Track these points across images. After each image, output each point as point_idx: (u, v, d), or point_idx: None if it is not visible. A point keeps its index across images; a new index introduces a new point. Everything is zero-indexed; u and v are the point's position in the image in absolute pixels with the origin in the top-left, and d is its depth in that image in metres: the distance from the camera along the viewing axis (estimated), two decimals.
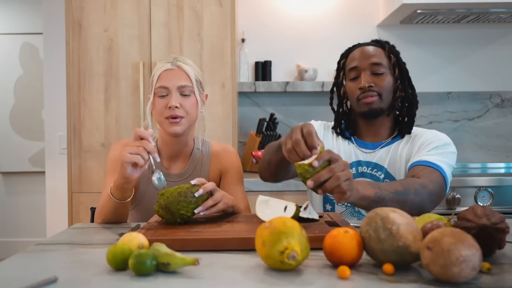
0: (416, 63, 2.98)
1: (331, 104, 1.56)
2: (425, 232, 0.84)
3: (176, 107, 1.37)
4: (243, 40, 2.89)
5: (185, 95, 1.40)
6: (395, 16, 2.73)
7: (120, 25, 2.42)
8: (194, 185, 1.16)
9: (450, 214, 0.99)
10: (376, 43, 1.48)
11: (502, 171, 2.79)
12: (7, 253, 3.95)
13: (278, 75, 2.95)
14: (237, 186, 1.50)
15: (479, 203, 2.22)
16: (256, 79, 2.90)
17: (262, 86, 2.80)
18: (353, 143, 1.50)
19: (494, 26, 2.96)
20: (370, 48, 1.44)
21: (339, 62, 1.52)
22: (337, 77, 1.53)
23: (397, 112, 1.49)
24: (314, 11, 2.96)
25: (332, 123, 1.57)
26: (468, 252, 0.70)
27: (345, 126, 1.54)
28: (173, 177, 1.47)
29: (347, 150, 1.49)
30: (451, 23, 2.90)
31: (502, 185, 2.25)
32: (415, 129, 1.49)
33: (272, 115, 2.75)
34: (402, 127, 1.47)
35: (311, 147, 1.03)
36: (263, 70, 2.89)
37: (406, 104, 1.47)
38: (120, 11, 2.42)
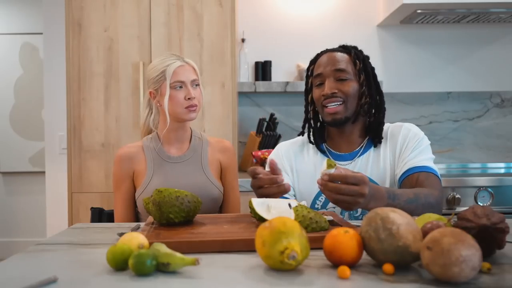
0: (416, 63, 2.98)
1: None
2: (425, 232, 0.84)
3: (194, 97, 1.56)
4: (243, 40, 2.89)
5: (196, 85, 1.60)
6: (395, 16, 2.73)
7: (120, 25, 2.42)
8: (193, 195, 1.16)
9: (450, 214, 0.99)
10: (343, 48, 1.47)
11: (502, 171, 2.79)
12: (7, 253, 3.94)
13: (278, 75, 2.95)
14: (236, 181, 1.70)
15: (479, 203, 2.22)
16: (256, 79, 2.90)
17: (262, 86, 2.80)
18: (329, 157, 1.48)
19: (494, 26, 2.96)
20: (336, 54, 1.44)
21: (308, 68, 1.52)
22: (306, 83, 1.53)
23: (367, 119, 1.48)
24: (314, 11, 2.96)
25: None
26: (468, 252, 0.70)
27: (317, 134, 1.52)
28: (174, 159, 1.61)
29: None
30: (451, 23, 2.90)
31: (502, 185, 2.25)
32: (386, 127, 1.49)
33: (272, 115, 2.75)
34: (372, 136, 1.46)
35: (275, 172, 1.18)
36: (263, 70, 2.89)
37: (373, 111, 1.46)
38: (120, 11, 2.42)
